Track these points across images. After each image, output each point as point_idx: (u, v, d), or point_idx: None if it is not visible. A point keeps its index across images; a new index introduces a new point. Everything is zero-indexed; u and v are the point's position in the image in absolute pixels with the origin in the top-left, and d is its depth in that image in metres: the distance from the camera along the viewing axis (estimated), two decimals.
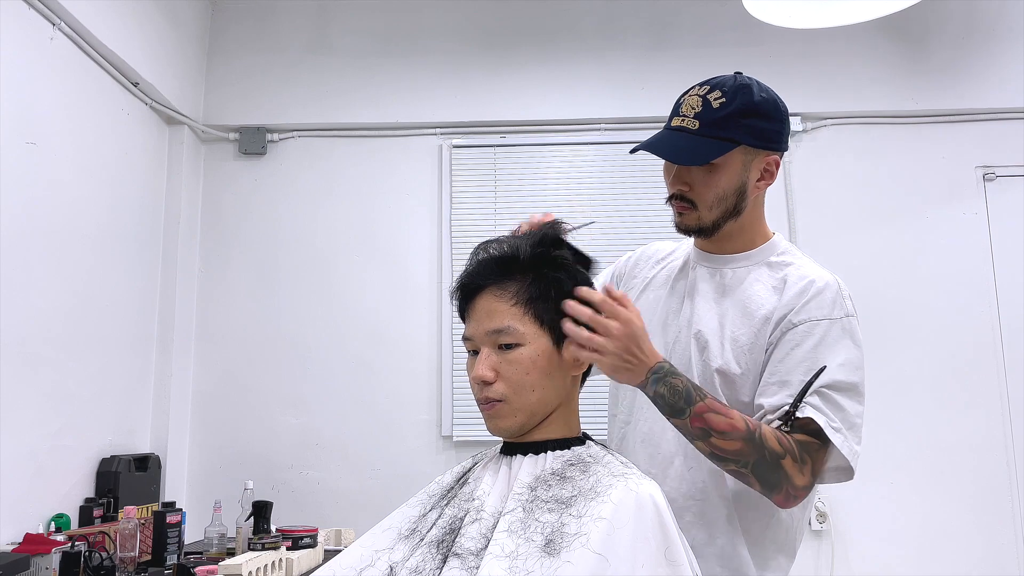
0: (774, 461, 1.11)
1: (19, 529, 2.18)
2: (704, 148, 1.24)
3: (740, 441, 1.11)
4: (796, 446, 1.13)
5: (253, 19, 3.39)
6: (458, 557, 0.97)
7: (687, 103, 1.27)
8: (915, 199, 3.19)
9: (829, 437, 1.13)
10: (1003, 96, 3.20)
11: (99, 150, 2.65)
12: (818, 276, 1.24)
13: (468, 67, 3.33)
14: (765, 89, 1.28)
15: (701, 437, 1.13)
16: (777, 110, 1.27)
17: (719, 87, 1.25)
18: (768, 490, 1.14)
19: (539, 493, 1.02)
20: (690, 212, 1.29)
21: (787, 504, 1.16)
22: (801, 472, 1.13)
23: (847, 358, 1.18)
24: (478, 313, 1.09)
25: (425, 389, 3.14)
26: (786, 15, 2.52)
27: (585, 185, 3.24)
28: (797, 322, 1.19)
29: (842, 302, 1.22)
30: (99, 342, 2.63)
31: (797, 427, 1.15)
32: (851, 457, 1.15)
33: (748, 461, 1.11)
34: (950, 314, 3.09)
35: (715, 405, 1.13)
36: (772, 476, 1.12)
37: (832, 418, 1.14)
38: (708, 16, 3.30)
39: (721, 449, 1.12)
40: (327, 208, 3.28)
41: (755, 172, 1.27)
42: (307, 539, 2.41)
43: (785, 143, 1.29)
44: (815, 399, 1.15)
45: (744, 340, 1.22)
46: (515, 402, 1.06)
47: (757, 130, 1.24)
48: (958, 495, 2.98)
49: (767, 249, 1.31)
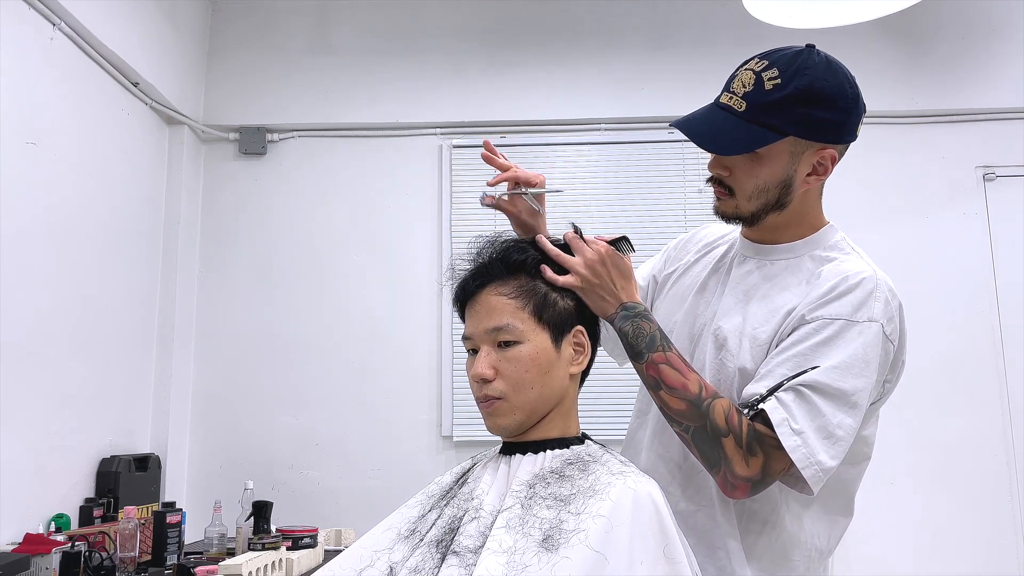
0: (714, 436, 1.04)
1: (19, 529, 2.18)
2: (745, 136, 1.10)
3: (685, 402, 1.07)
4: (747, 432, 1.04)
5: (253, 19, 3.39)
6: (456, 555, 0.98)
7: (740, 78, 1.13)
8: (915, 199, 3.19)
9: (779, 437, 1.02)
10: (1003, 96, 3.20)
11: (99, 150, 2.65)
12: (856, 273, 1.10)
13: (468, 67, 3.33)
14: (834, 72, 1.11)
15: (652, 387, 1.11)
16: (843, 97, 1.10)
17: (777, 64, 1.10)
18: (708, 465, 1.07)
19: (538, 490, 1.02)
20: (727, 199, 1.17)
21: (728, 491, 1.06)
22: (746, 462, 1.03)
23: (845, 362, 1.05)
24: (477, 311, 1.10)
25: (425, 389, 3.14)
26: (786, 15, 2.52)
27: (585, 185, 3.24)
28: (810, 319, 1.08)
29: (871, 305, 1.08)
30: (99, 342, 2.63)
31: (760, 418, 1.05)
32: (804, 465, 1.02)
33: (689, 426, 1.07)
34: (950, 314, 3.09)
35: (675, 360, 1.10)
36: (710, 451, 1.05)
37: (796, 419, 1.02)
38: (708, 16, 3.30)
39: (667, 406, 1.09)
40: (327, 208, 3.28)
41: (805, 166, 1.13)
42: (307, 539, 2.41)
43: (849, 135, 1.13)
44: (789, 395, 1.04)
45: (763, 338, 1.12)
46: (514, 400, 1.06)
47: (813, 120, 1.09)
48: (958, 495, 2.98)
49: (815, 241, 1.18)
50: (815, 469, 1.02)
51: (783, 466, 1.04)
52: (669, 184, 3.20)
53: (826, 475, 1.03)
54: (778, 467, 1.05)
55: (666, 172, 3.21)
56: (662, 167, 3.21)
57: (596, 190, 3.23)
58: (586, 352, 1.12)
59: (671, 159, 3.19)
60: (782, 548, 1.14)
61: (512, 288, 1.09)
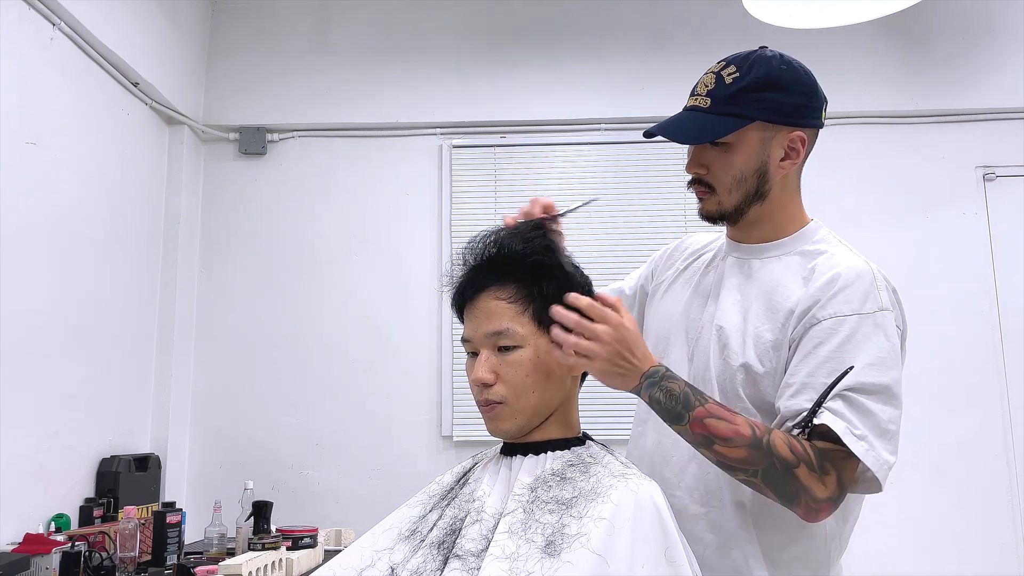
0: (785, 470, 1.02)
1: (19, 529, 2.18)
2: (711, 125, 1.15)
3: (745, 448, 1.03)
4: (814, 454, 1.03)
5: (253, 19, 3.39)
6: (459, 558, 0.97)
7: (702, 81, 1.19)
8: (915, 199, 3.19)
9: (849, 446, 1.02)
10: (1003, 96, 3.20)
11: (99, 150, 2.65)
12: (849, 265, 1.12)
13: (468, 67, 3.33)
14: (788, 62, 1.17)
15: (704, 444, 1.05)
16: (799, 82, 1.16)
17: (735, 62, 1.17)
18: (785, 501, 1.04)
19: (539, 494, 1.02)
20: (709, 196, 1.20)
21: (811, 517, 1.05)
22: (823, 483, 1.02)
23: (877, 356, 1.06)
24: (477, 314, 1.09)
25: (425, 389, 3.14)
26: (786, 15, 2.52)
27: (585, 185, 3.24)
28: (822, 317, 1.08)
29: (876, 294, 1.09)
30: (99, 342, 2.62)
31: (817, 435, 1.05)
32: (877, 468, 1.03)
33: (756, 469, 1.03)
34: (950, 314, 3.09)
35: (716, 410, 1.05)
36: (785, 486, 1.03)
37: (855, 424, 1.03)
38: (708, 16, 3.30)
39: (726, 457, 1.04)
40: (327, 208, 3.28)
41: (777, 150, 1.17)
42: (307, 539, 2.41)
43: (814, 118, 1.18)
44: (838, 403, 1.04)
45: (768, 337, 1.13)
46: (515, 404, 1.06)
47: (774, 104, 1.14)
48: (958, 495, 2.98)
49: (801, 237, 1.20)
50: (885, 469, 1.05)
51: (852, 474, 1.06)
52: (669, 184, 3.19)
53: (890, 470, 1.05)
54: (849, 476, 1.06)
55: (666, 172, 3.20)
56: (662, 167, 3.21)
57: (596, 190, 3.22)
58: None
59: (671, 159, 3.19)
60: (801, 545, 1.15)
61: (511, 292, 1.07)
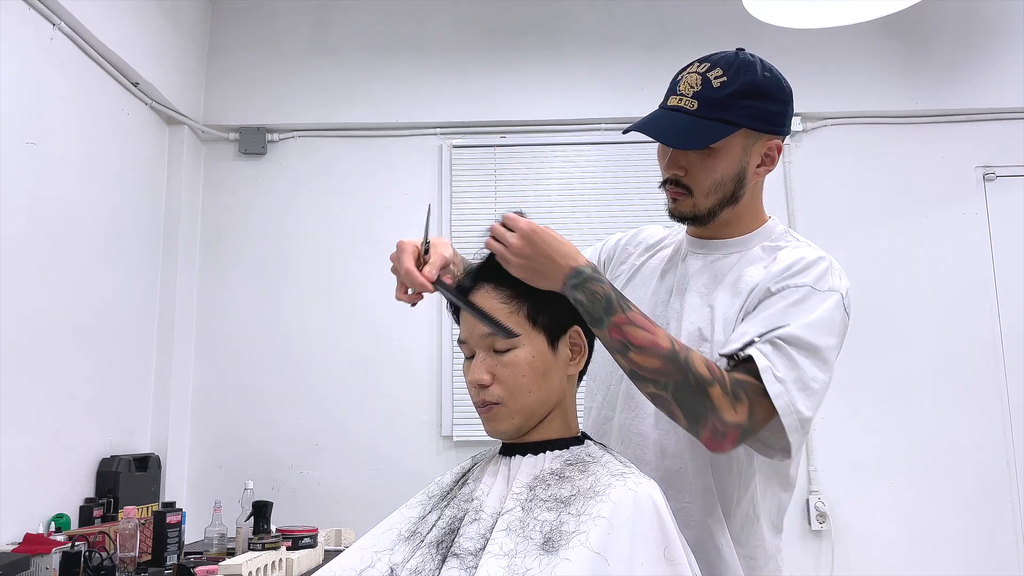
0: (699, 386, 1.02)
1: (19, 529, 2.18)
2: (702, 131, 1.14)
3: (660, 359, 1.03)
4: (730, 380, 1.04)
5: (253, 19, 3.39)
6: (457, 557, 0.98)
7: (685, 81, 1.18)
8: (915, 199, 3.19)
9: (765, 384, 1.02)
10: (1003, 96, 3.20)
11: (99, 150, 2.65)
12: (810, 253, 1.16)
13: (468, 67, 3.33)
14: (769, 68, 1.18)
15: (620, 351, 1.06)
16: (781, 90, 1.18)
17: (720, 65, 1.16)
18: (692, 421, 1.04)
19: (538, 492, 1.02)
20: (685, 198, 1.20)
21: (715, 444, 1.05)
22: (734, 408, 1.02)
23: (817, 320, 1.08)
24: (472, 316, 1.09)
25: (425, 389, 3.14)
26: (786, 15, 2.52)
27: (585, 185, 3.24)
28: (775, 290, 1.11)
29: (830, 278, 1.13)
30: (99, 342, 2.63)
31: (740, 369, 1.06)
32: (785, 412, 1.02)
33: (668, 383, 1.03)
34: (950, 314, 3.09)
35: (637, 318, 1.06)
36: (696, 403, 1.03)
37: (777, 367, 1.04)
38: (708, 16, 3.30)
39: (639, 366, 1.05)
40: (327, 208, 3.28)
41: (756, 157, 1.18)
42: (307, 539, 2.41)
43: (788, 126, 1.21)
44: (767, 347, 1.05)
45: (732, 315, 1.16)
46: (512, 404, 1.06)
47: (760, 112, 1.15)
48: (958, 495, 2.98)
49: (762, 233, 1.23)
50: (794, 418, 1.04)
51: (764, 415, 1.05)
52: None
53: (803, 426, 1.05)
54: (760, 415, 1.05)
55: None
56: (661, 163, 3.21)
57: (595, 190, 3.23)
58: (583, 352, 1.12)
59: None
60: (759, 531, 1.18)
61: (505, 292, 1.08)
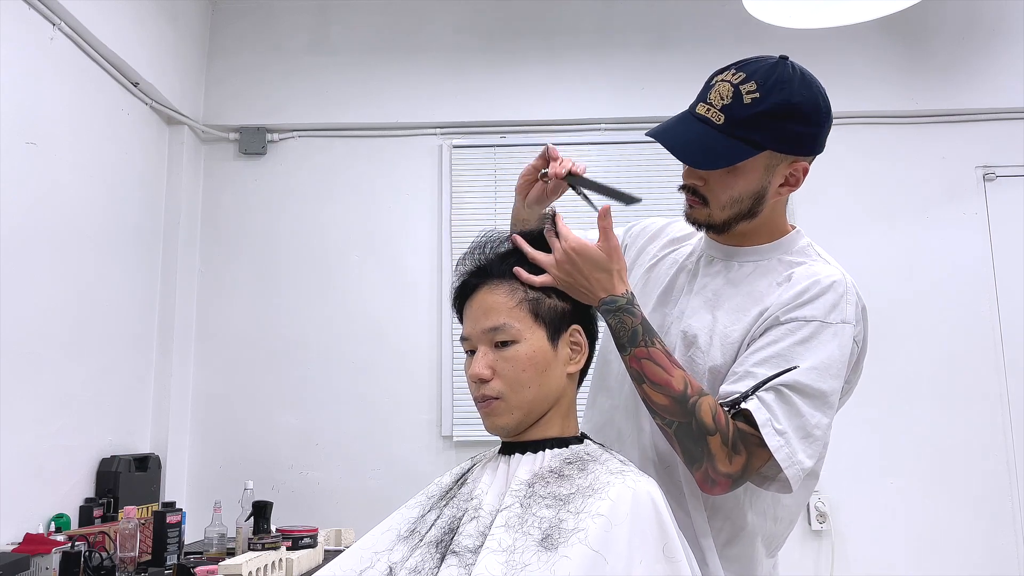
0: (700, 433, 1.05)
1: (19, 529, 2.18)
2: (723, 150, 1.11)
3: (670, 399, 1.06)
4: (734, 431, 1.05)
5: (253, 19, 3.39)
6: (456, 555, 0.98)
7: (717, 90, 1.13)
8: (915, 199, 3.19)
9: (765, 438, 1.04)
10: (1003, 96, 3.20)
11: (99, 150, 2.65)
12: (827, 276, 1.12)
13: (468, 67, 3.33)
14: (808, 85, 1.12)
15: (636, 380, 1.11)
16: (816, 112, 1.13)
17: (755, 77, 1.11)
18: (688, 461, 1.07)
19: (537, 489, 1.02)
20: (700, 208, 1.19)
21: (706, 487, 1.07)
22: (729, 459, 1.05)
23: (824, 362, 1.07)
24: (474, 312, 1.11)
25: (425, 389, 3.14)
26: (786, 15, 2.52)
27: None
28: (784, 320, 1.10)
29: (843, 307, 1.11)
30: (99, 342, 2.63)
31: (742, 418, 1.07)
32: (787, 465, 1.04)
33: (673, 421, 1.06)
34: (950, 314, 3.09)
35: (658, 356, 1.09)
36: (694, 448, 1.05)
37: (779, 419, 1.04)
38: (708, 16, 3.30)
39: (650, 399, 1.09)
40: (327, 208, 3.28)
41: (779, 178, 1.15)
42: (307, 539, 2.41)
43: (820, 147, 1.17)
44: (770, 395, 1.06)
45: (735, 336, 1.14)
46: (511, 399, 1.07)
47: (790, 135, 1.11)
48: (958, 495, 2.98)
49: (782, 246, 1.21)
50: (796, 469, 1.05)
51: (762, 464, 1.07)
52: (669, 184, 3.19)
53: (804, 474, 1.06)
54: (757, 464, 1.07)
55: (666, 172, 3.20)
56: (662, 167, 3.21)
57: None
58: (583, 351, 1.12)
59: (671, 159, 3.16)
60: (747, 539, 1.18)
61: (507, 287, 1.10)
